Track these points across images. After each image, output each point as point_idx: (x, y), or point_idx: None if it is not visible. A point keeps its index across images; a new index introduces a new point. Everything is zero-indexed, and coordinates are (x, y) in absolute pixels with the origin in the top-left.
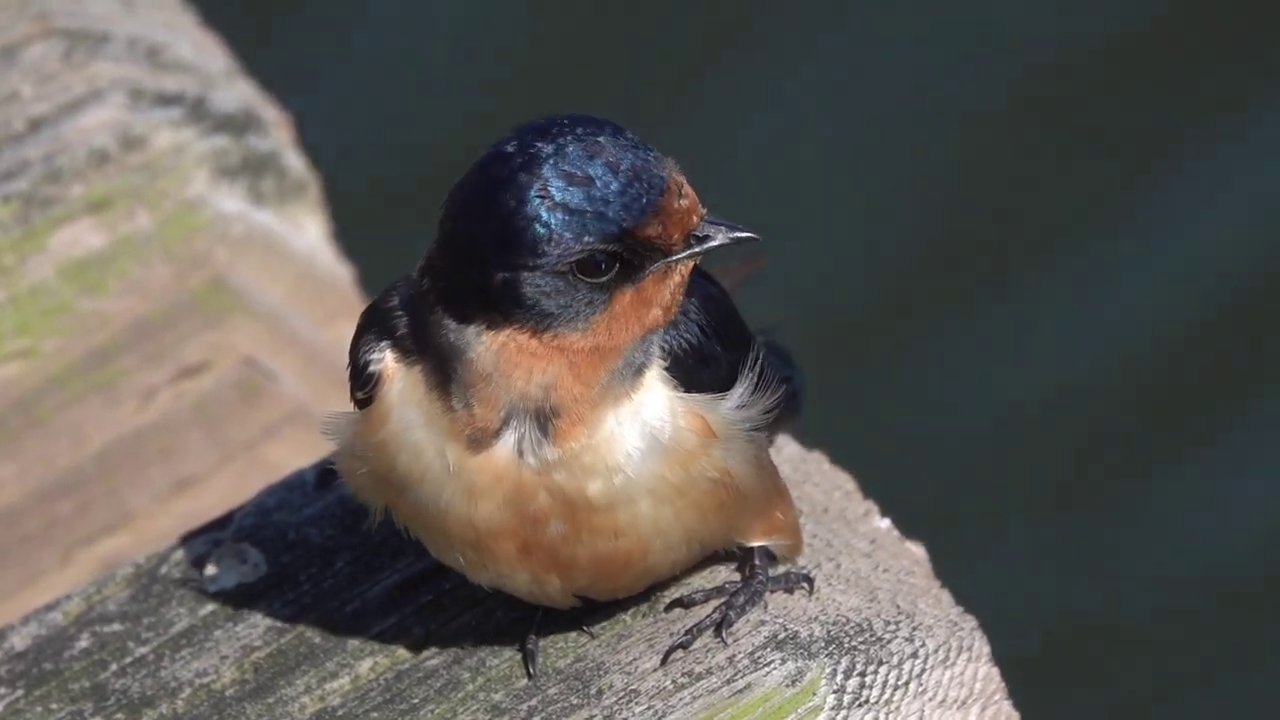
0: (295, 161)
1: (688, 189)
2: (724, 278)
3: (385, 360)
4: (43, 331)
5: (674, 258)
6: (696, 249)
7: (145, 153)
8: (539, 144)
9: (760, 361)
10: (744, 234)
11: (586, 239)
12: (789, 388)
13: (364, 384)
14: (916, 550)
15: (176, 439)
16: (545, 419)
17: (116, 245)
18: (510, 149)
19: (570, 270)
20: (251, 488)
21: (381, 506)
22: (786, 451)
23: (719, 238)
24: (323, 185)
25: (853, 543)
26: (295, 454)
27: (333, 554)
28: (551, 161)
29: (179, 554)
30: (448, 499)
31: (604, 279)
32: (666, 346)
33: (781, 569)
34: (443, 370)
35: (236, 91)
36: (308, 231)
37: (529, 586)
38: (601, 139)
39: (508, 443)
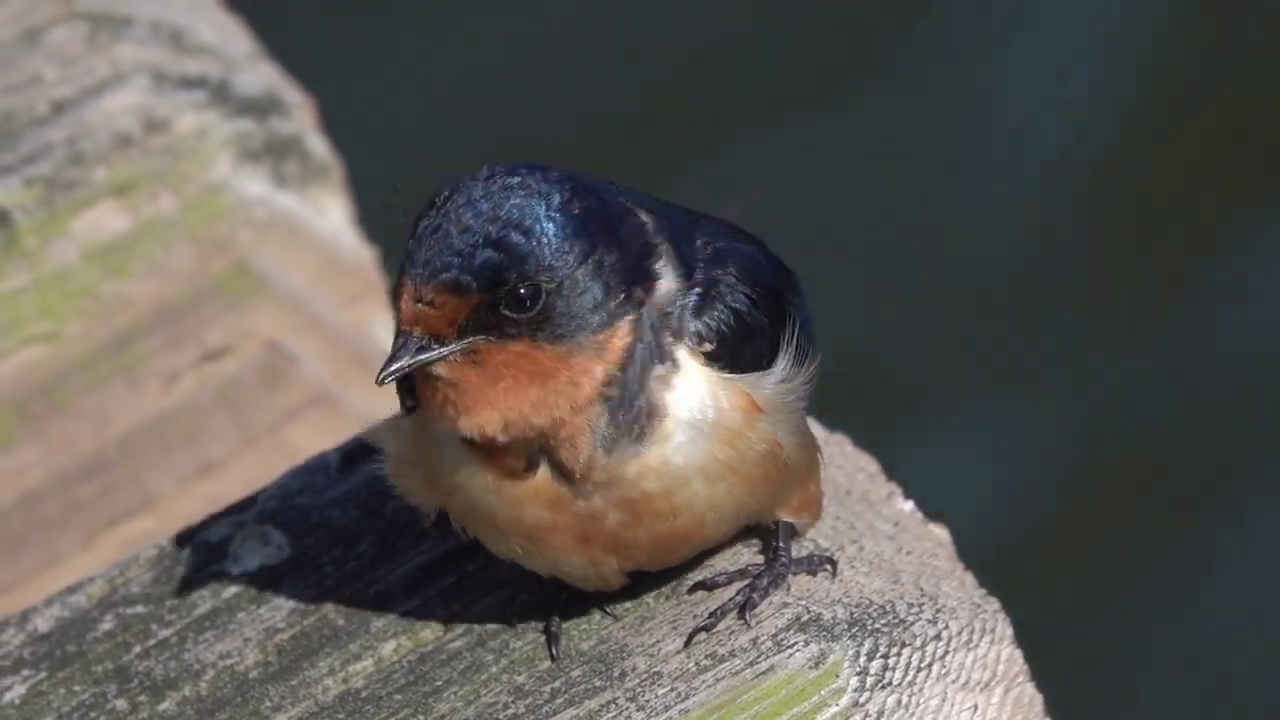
0: (318, 145)
1: (432, 301)
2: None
3: None
4: (66, 315)
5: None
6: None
7: (168, 136)
8: (466, 183)
9: (797, 332)
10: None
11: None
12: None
13: (411, 392)
14: (940, 533)
15: (199, 422)
16: (556, 463)
17: (140, 228)
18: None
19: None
20: (274, 471)
21: (435, 507)
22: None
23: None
24: (346, 168)
25: (876, 525)
26: (318, 437)
27: (356, 536)
28: (454, 203)
29: (202, 536)
30: (491, 504)
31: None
32: (712, 325)
33: (805, 551)
34: None
35: (259, 74)
36: (331, 215)
37: (585, 570)
38: (482, 201)
39: (544, 473)
